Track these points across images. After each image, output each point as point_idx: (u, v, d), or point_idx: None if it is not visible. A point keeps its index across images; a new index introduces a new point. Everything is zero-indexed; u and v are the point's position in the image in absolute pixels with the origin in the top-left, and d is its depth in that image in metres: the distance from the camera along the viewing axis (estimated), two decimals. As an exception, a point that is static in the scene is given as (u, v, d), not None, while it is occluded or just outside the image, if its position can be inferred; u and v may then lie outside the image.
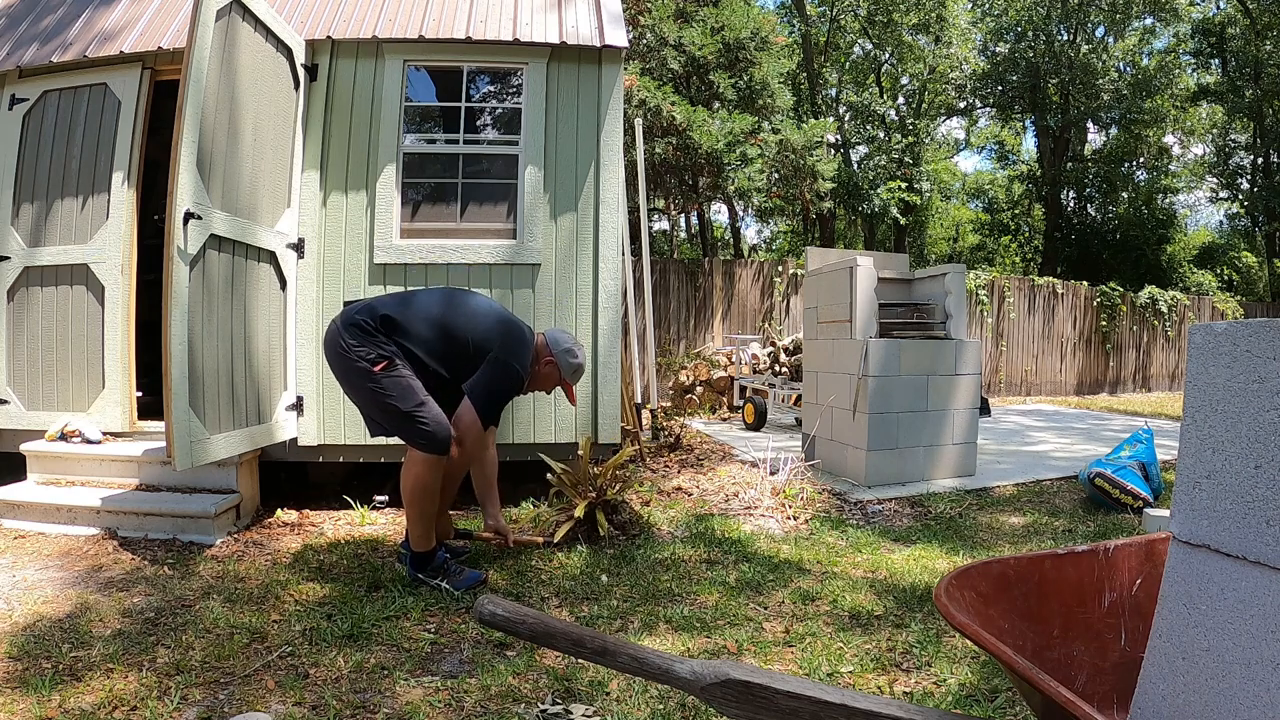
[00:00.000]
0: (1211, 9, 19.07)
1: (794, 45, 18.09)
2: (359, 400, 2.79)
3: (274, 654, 2.17)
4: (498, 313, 2.89)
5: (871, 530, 3.52)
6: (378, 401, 2.69)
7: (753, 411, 6.57)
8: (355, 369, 2.67)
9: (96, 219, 3.87)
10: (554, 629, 1.18)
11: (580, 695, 1.94)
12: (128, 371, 3.87)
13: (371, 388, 2.67)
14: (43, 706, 1.83)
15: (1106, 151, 20.40)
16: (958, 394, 4.51)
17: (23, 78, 3.98)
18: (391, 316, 2.71)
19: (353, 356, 2.66)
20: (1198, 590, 1.05)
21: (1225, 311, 13.36)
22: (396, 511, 3.78)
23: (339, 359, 2.71)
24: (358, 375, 2.68)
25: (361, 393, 2.73)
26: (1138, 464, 3.87)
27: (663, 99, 9.44)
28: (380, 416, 2.74)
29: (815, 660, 2.13)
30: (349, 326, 2.69)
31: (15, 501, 3.40)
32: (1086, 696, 1.30)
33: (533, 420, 3.98)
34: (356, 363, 2.66)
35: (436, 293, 2.95)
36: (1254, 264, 21.09)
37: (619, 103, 4.10)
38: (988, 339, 11.16)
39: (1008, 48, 19.52)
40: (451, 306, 2.86)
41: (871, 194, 15.54)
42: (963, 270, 4.87)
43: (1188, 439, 1.09)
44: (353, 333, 2.68)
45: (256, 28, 3.41)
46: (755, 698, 1.12)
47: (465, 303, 2.89)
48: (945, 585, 1.23)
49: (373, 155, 3.94)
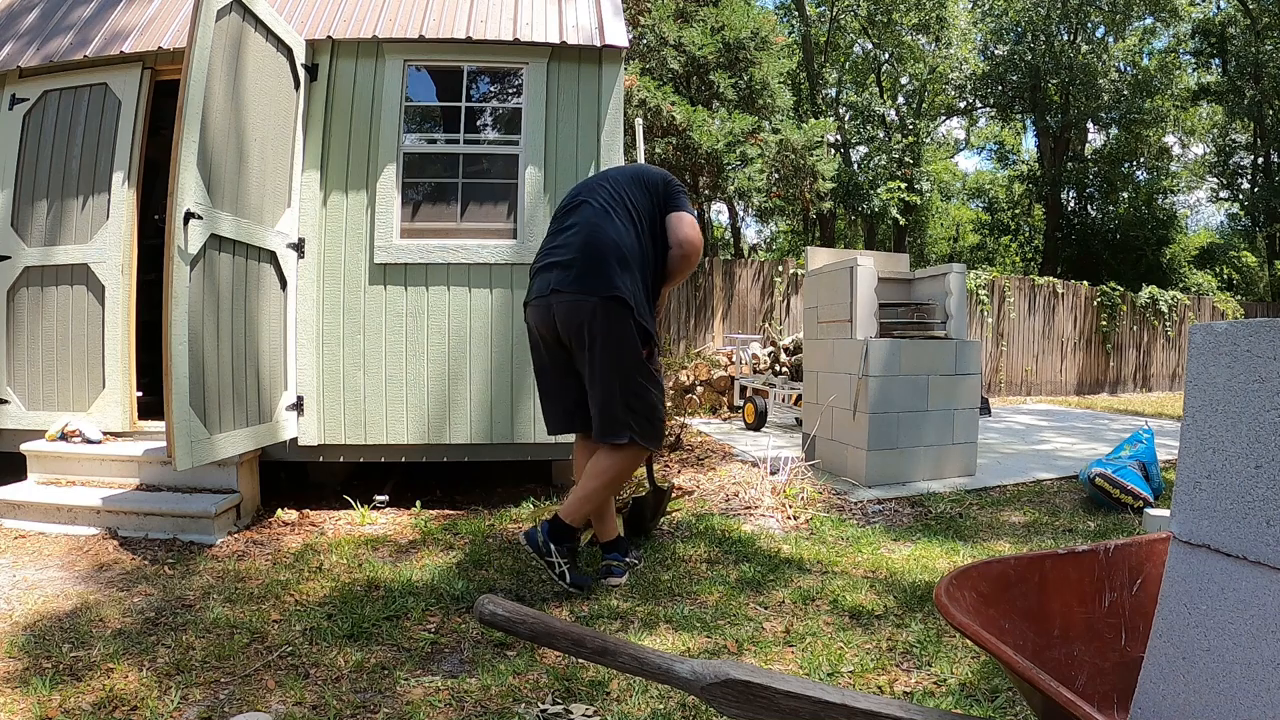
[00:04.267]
0: (1211, 9, 19.07)
1: (794, 45, 18.10)
2: (607, 381, 2.57)
3: (274, 654, 2.17)
4: None
5: (872, 530, 3.52)
6: (632, 387, 2.57)
7: (753, 411, 6.57)
8: (631, 345, 2.56)
9: (97, 219, 3.87)
10: (554, 629, 1.18)
11: (580, 695, 1.94)
12: (128, 371, 3.87)
13: (635, 371, 2.58)
14: (43, 706, 1.83)
15: (1106, 151, 20.41)
16: (958, 394, 4.51)
17: (23, 78, 3.98)
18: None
19: (634, 331, 2.55)
20: (1198, 590, 1.05)
21: (1225, 311, 13.36)
22: (397, 511, 3.78)
23: (616, 324, 2.52)
24: (631, 353, 2.56)
25: (617, 374, 2.56)
26: (1138, 464, 3.87)
27: (663, 99, 9.44)
28: (620, 405, 2.57)
29: (816, 660, 2.13)
30: (623, 302, 2.54)
31: (15, 501, 3.40)
32: (1086, 696, 1.30)
33: (533, 420, 3.98)
34: (635, 339, 2.56)
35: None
36: (1254, 264, 21.09)
37: (619, 102, 4.10)
38: (988, 339, 11.15)
39: (1007, 48, 19.53)
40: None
41: (871, 194, 15.55)
42: (963, 270, 4.87)
43: (1188, 439, 1.09)
44: (636, 310, 2.57)
45: (257, 28, 3.41)
46: (755, 697, 1.12)
47: None
48: (945, 585, 1.23)
49: (373, 155, 3.94)
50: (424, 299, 3.93)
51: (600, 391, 2.59)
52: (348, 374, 3.89)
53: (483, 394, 3.96)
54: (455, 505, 3.97)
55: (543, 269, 2.69)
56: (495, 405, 3.97)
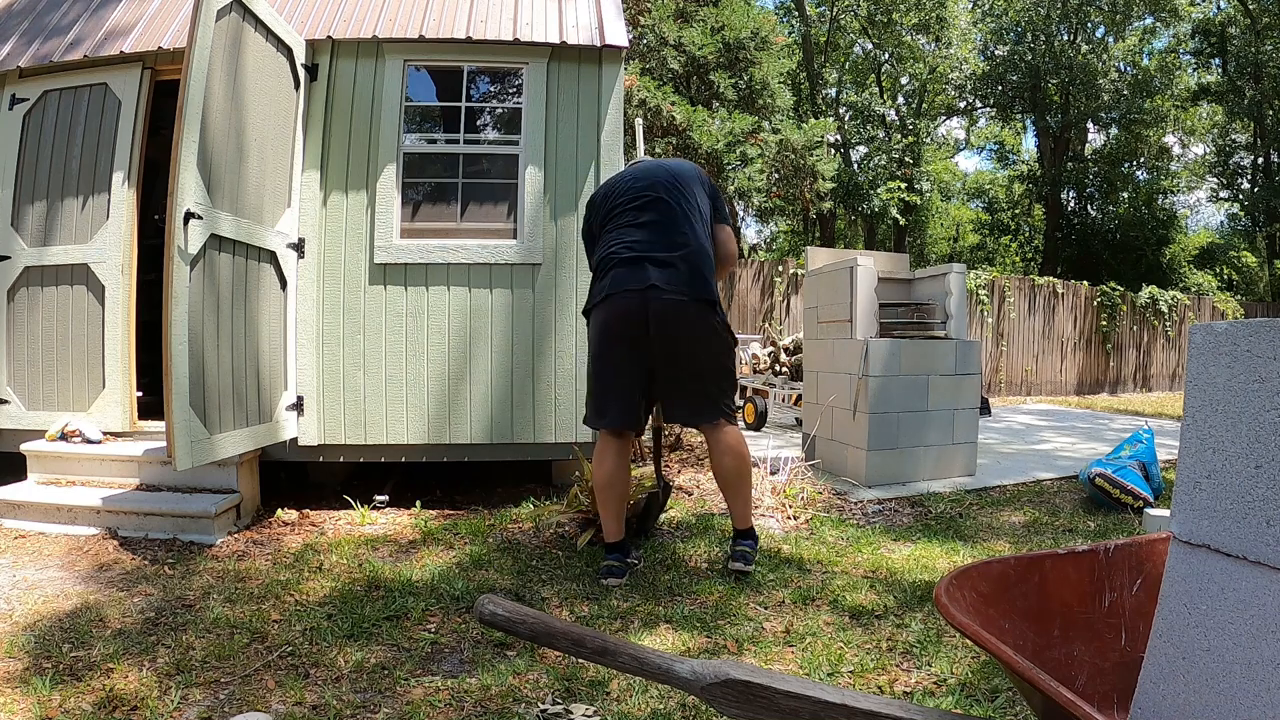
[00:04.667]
0: (1211, 9, 19.08)
1: (794, 45, 18.10)
2: (713, 374, 2.78)
3: (274, 654, 2.17)
4: None
5: (872, 530, 3.52)
6: (729, 377, 2.81)
7: (753, 411, 6.57)
8: (726, 341, 2.79)
9: (97, 219, 3.87)
10: (554, 629, 1.18)
11: (580, 695, 1.94)
12: (128, 371, 3.87)
13: (731, 361, 2.80)
14: (43, 706, 1.83)
15: (1106, 151, 20.42)
16: (958, 394, 4.51)
17: (23, 78, 3.98)
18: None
19: (724, 328, 2.79)
20: (1198, 590, 1.05)
21: (1225, 311, 13.36)
22: (397, 511, 3.78)
23: (715, 324, 2.75)
24: (728, 348, 2.80)
25: (718, 368, 2.78)
26: (1138, 464, 3.87)
27: (663, 99, 9.44)
28: (717, 391, 2.78)
29: (816, 660, 2.14)
30: (716, 304, 2.77)
31: (15, 501, 3.40)
32: (1086, 696, 1.30)
33: (533, 420, 3.98)
34: (726, 335, 2.79)
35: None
36: (1254, 264, 21.10)
37: (619, 102, 4.10)
38: (988, 339, 11.15)
39: (1007, 48, 19.53)
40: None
41: (871, 194, 15.56)
42: (963, 270, 4.87)
43: (1188, 439, 1.09)
44: (720, 309, 2.78)
45: (257, 27, 3.41)
46: (755, 697, 1.12)
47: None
48: (945, 585, 1.23)
49: (373, 155, 3.94)
50: (424, 299, 3.93)
51: (701, 384, 2.77)
52: (348, 374, 3.89)
53: (483, 394, 3.96)
54: (455, 505, 3.97)
55: (628, 262, 2.72)
56: (495, 405, 3.96)
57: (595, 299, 2.79)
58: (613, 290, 2.72)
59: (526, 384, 3.98)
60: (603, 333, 2.78)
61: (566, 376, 4.00)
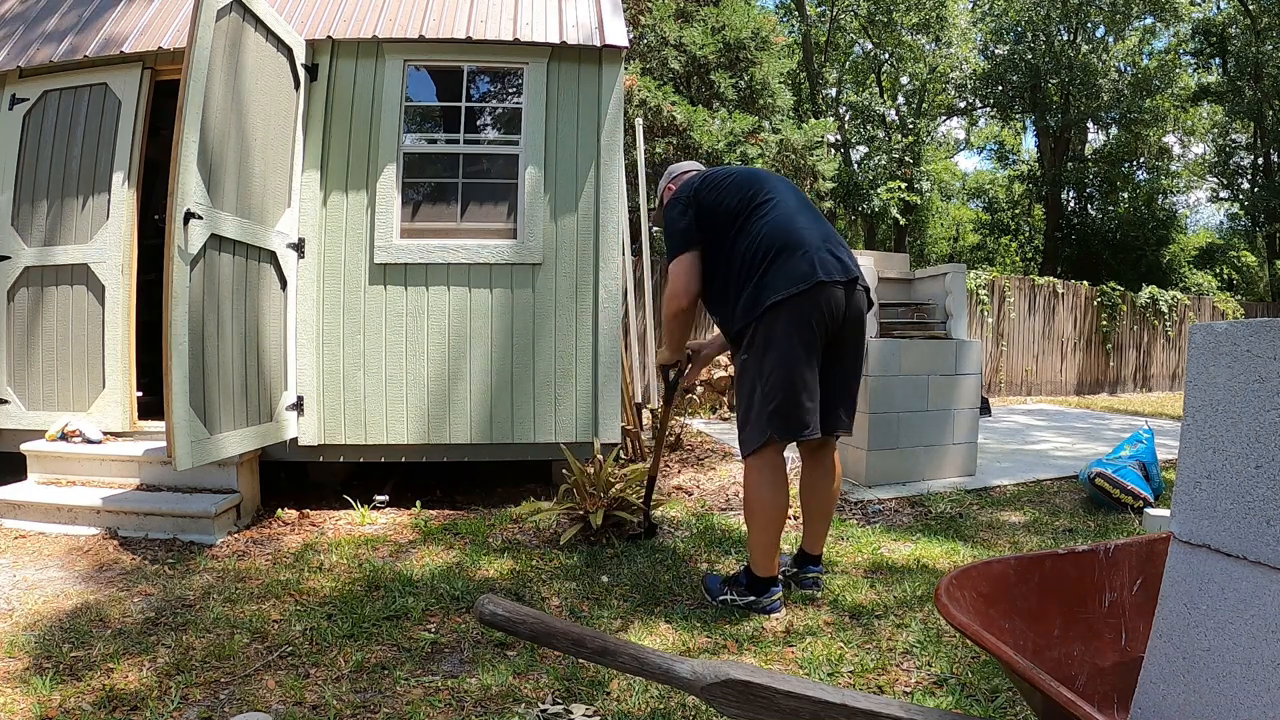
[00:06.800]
0: (1212, 9, 19.08)
1: (794, 45, 18.10)
2: (858, 380, 2.62)
3: (274, 654, 2.17)
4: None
5: (872, 529, 3.52)
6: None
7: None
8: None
9: (97, 219, 3.87)
10: (554, 629, 1.18)
11: (580, 695, 1.94)
12: (128, 371, 3.87)
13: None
14: (43, 706, 1.83)
15: (1106, 151, 20.42)
16: (958, 393, 4.51)
17: (23, 78, 3.98)
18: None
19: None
20: (1198, 590, 1.05)
21: (1225, 311, 13.36)
22: (397, 511, 3.78)
23: (861, 324, 2.54)
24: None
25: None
26: (1138, 463, 3.87)
27: (663, 99, 9.44)
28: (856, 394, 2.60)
29: (816, 659, 2.14)
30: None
31: (16, 501, 3.40)
32: (1086, 696, 1.30)
33: (533, 420, 3.98)
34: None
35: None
36: (1254, 264, 21.10)
37: (619, 102, 4.10)
38: (988, 338, 11.15)
39: (1008, 48, 19.54)
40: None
41: (871, 194, 15.55)
42: (963, 270, 4.87)
43: (1188, 439, 1.09)
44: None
45: (257, 27, 3.41)
46: (755, 697, 1.12)
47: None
48: (946, 585, 1.23)
49: (373, 155, 3.94)
50: (424, 299, 3.93)
51: (857, 389, 2.61)
52: (348, 374, 3.89)
53: (483, 394, 3.96)
54: (455, 505, 3.97)
55: (820, 248, 2.39)
56: (495, 405, 3.97)
57: (793, 286, 2.32)
58: (824, 277, 2.32)
59: (526, 384, 3.98)
60: (804, 327, 2.33)
61: (566, 377, 4.00)
